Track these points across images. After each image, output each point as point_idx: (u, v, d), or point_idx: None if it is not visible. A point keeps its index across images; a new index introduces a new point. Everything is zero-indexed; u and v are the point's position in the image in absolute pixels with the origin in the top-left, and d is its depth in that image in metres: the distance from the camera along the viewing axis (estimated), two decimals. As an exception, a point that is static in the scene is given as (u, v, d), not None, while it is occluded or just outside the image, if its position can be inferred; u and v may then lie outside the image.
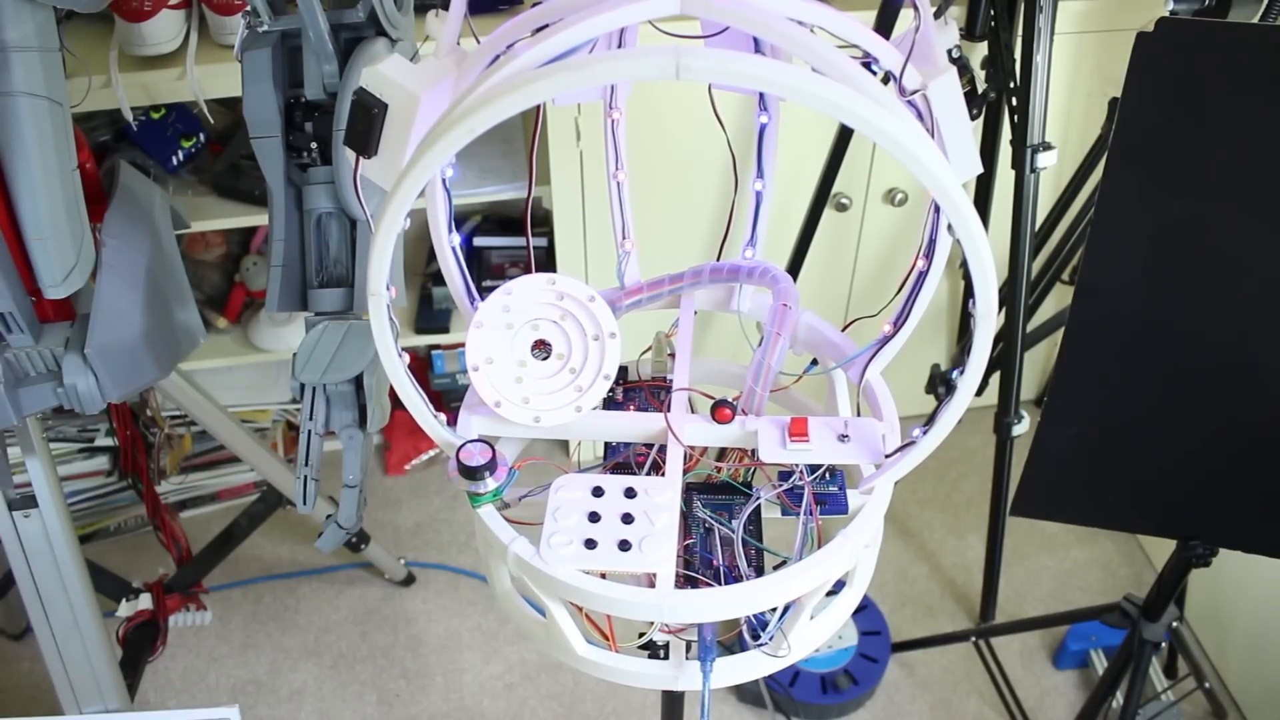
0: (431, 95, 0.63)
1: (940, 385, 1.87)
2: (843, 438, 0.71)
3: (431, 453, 2.08)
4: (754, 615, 0.71)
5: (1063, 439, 1.05)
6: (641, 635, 0.71)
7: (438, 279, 1.84)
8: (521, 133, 1.78)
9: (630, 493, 0.68)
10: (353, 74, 0.94)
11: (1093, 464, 1.07)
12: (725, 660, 0.73)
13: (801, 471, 0.73)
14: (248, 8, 0.97)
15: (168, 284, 1.16)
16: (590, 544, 0.66)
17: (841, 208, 1.72)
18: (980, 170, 0.68)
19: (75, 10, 0.95)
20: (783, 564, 0.70)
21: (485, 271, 1.84)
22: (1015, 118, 1.45)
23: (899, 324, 0.72)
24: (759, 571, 0.71)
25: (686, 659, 0.73)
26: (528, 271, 0.70)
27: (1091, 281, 0.96)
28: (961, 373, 0.62)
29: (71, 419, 1.78)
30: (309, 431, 1.10)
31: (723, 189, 1.67)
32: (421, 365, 2.02)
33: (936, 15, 0.64)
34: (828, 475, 0.74)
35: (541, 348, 0.70)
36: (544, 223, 1.76)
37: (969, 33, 1.52)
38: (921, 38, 0.63)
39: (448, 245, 0.72)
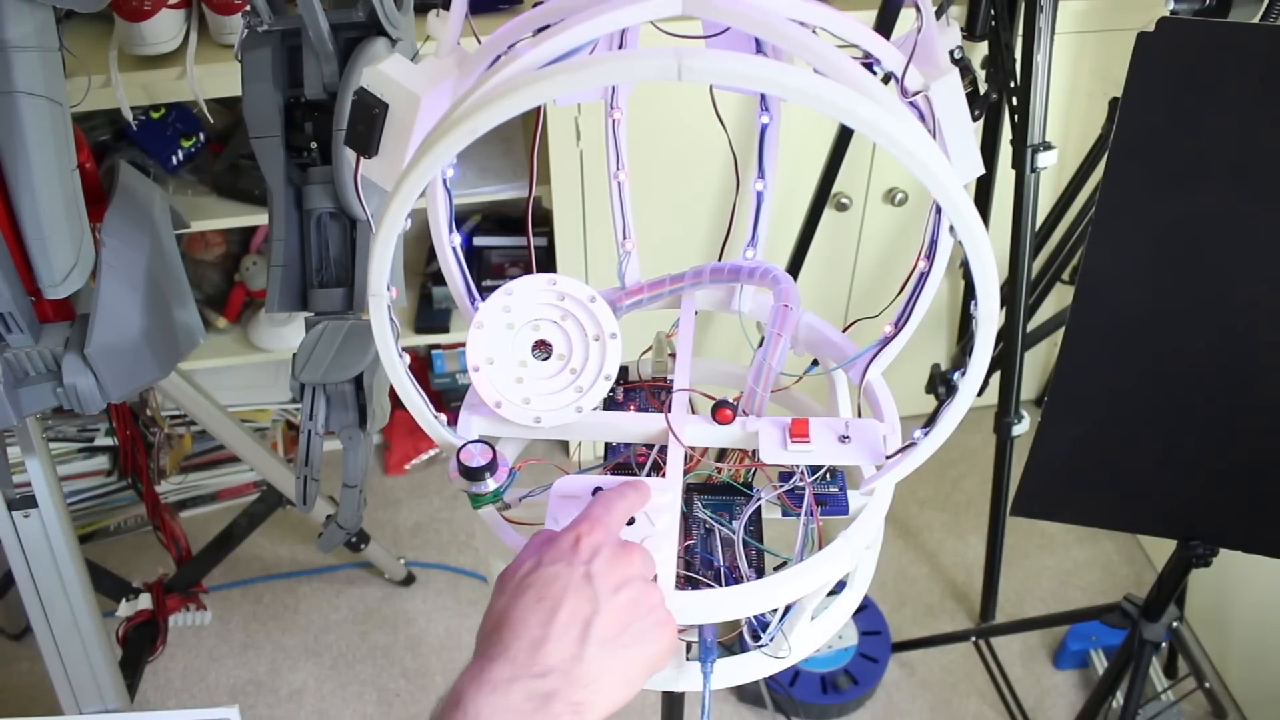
0: (432, 95, 0.63)
1: (940, 385, 1.87)
2: (843, 439, 0.70)
3: (431, 452, 2.08)
4: (755, 616, 0.71)
5: (1063, 439, 1.05)
6: (642, 636, 0.71)
7: (438, 278, 1.84)
8: (521, 132, 1.78)
9: (631, 493, 0.68)
10: (353, 74, 0.94)
11: (1093, 464, 1.07)
12: (726, 661, 0.73)
13: (802, 472, 0.73)
14: (247, 7, 0.97)
15: (168, 284, 1.16)
16: (591, 545, 0.65)
17: (842, 207, 1.72)
18: (982, 171, 0.67)
19: (75, 10, 0.94)
20: (783, 565, 0.70)
21: (485, 271, 1.84)
22: (1015, 117, 1.44)
23: (900, 325, 0.72)
24: (760, 572, 0.71)
25: (687, 660, 0.72)
26: (528, 271, 0.70)
27: (1092, 281, 0.96)
28: (963, 374, 0.62)
29: (71, 419, 1.78)
30: (309, 431, 1.10)
31: (723, 189, 1.67)
32: (421, 365, 2.01)
33: (938, 15, 0.64)
34: (828, 476, 0.74)
35: (542, 348, 0.70)
36: (544, 222, 1.76)
37: (969, 32, 1.52)
38: (924, 38, 0.63)
39: (448, 245, 0.71)
